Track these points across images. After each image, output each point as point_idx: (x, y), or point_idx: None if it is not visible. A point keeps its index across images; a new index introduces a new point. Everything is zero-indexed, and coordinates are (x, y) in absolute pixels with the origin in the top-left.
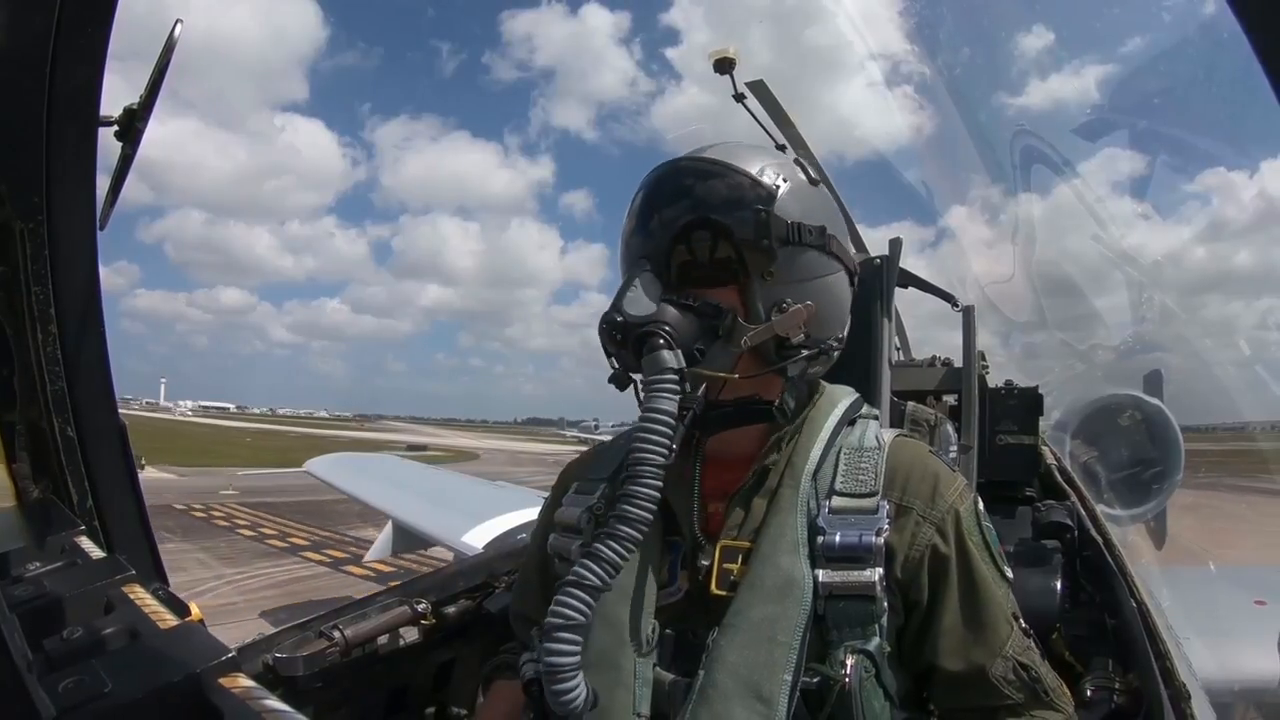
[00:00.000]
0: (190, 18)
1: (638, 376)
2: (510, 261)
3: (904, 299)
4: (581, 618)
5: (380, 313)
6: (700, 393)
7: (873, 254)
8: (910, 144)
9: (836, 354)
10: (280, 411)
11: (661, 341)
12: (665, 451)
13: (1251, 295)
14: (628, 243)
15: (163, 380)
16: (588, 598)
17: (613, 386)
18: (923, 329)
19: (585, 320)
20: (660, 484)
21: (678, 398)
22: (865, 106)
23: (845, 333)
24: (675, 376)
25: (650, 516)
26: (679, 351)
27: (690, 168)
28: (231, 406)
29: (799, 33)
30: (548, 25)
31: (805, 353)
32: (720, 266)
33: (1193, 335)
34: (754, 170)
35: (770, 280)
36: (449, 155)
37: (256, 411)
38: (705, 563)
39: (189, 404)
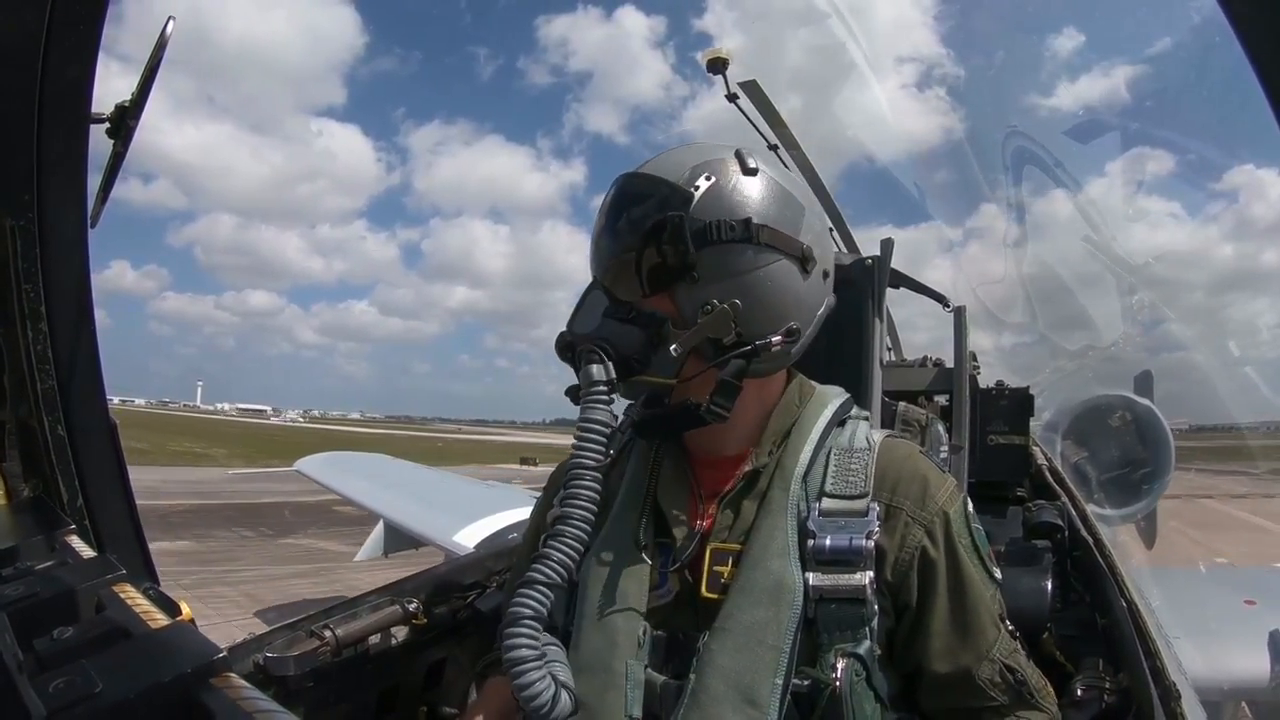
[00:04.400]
0: (228, 23)
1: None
2: (540, 263)
3: (918, 302)
4: (531, 611)
5: (407, 314)
6: (640, 401)
7: (864, 254)
8: (905, 146)
9: (784, 348)
10: (313, 413)
11: (594, 356)
12: (600, 456)
13: (1251, 296)
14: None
15: (199, 383)
16: (538, 594)
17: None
18: (944, 328)
19: None
20: (598, 485)
21: (608, 407)
22: (860, 109)
23: (802, 323)
24: (604, 388)
25: (590, 514)
26: (610, 364)
27: (623, 186)
28: (268, 409)
29: (805, 37)
30: (583, 30)
31: (741, 350)
32: (655, 275)
33: (1184, 337)
34: (676, 176)
35: (696, 282)
36: (482, 159)
37: (293, 413)
38: (695, 565)
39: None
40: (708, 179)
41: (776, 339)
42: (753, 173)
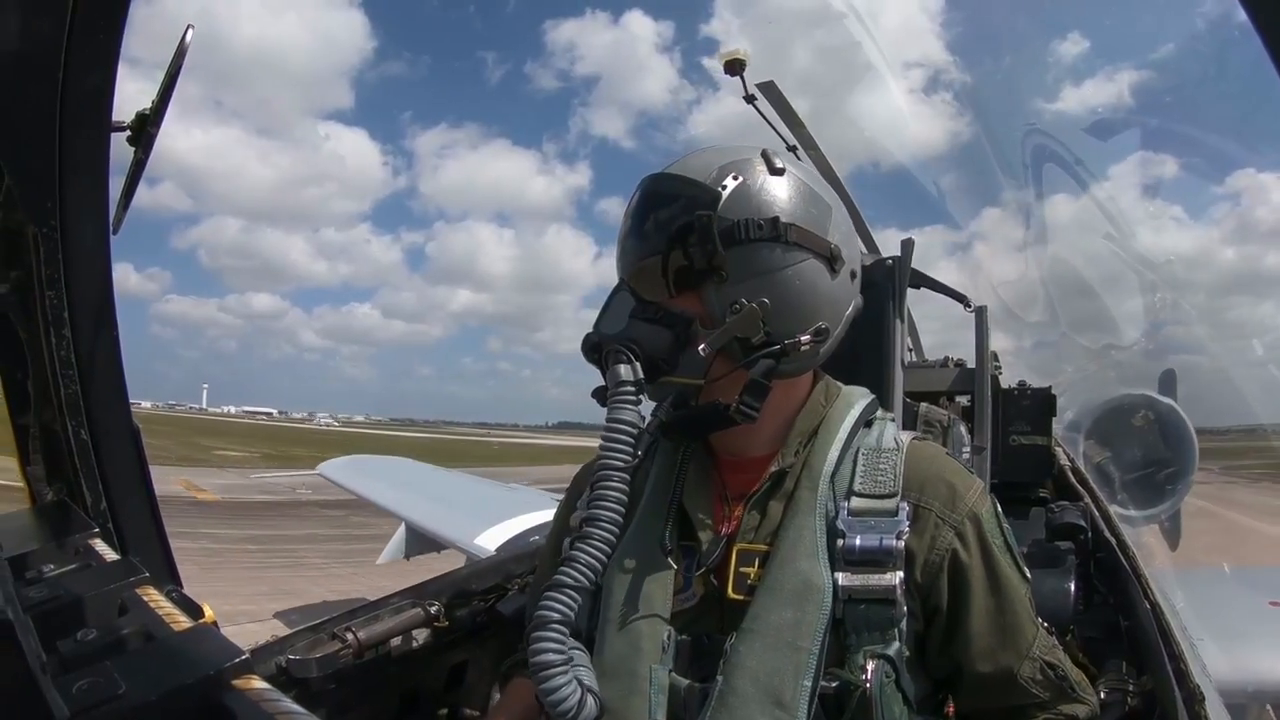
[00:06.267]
0: (238, 27)
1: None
2: (544, 267)
3: (925, 304)
4: (559, 616)
5: (411, 318)
6: (668, 401)
7: (885, 255)
8: (924, 146)
9: (812, 348)
10: (319, 415)
11: (622, 356)
12: (627, 457)
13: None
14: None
15: (205, 386)
16: (566, 598)
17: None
18: (949, 331)
19: None
20: (626, 486)
21: (636, 407)
22: (879, 110)
23: (830, 323)
24: (632, 388)
25: (618, 517)
26: (637, 365)
27: (649, 186)
28: (274, 411)
29: (818, 39)
30: (590, 34)
31: (771, 349)
32: (683, 275)
33: (1208, 336)
34: (703, 176)
35: (724, 282)
36: (488, 162)
37: (297, 416)
38: (721, 567)
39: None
40: (735, 179)
41: (805, 338)
42: (780, 172)
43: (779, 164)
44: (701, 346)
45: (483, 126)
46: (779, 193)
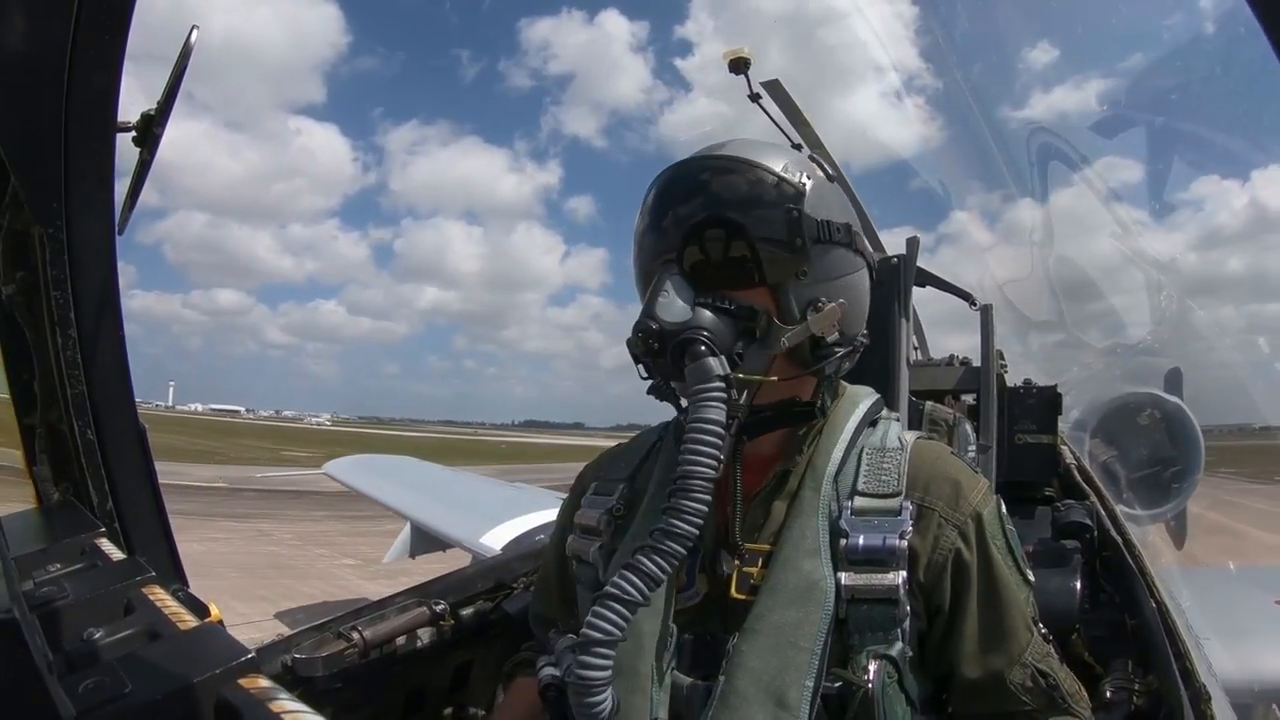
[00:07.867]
0: (211, 20)
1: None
2: (512, 265)
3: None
4: (619, 633)
5: (377, 315)
6: (744, 399)
7: (890, 253)
8: (927, 144)
9: (857, 350)
10: (286, 413)
11: (704, 349)
12: (715, 464)
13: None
14: (640, 242)
15: (171, 384)
16: (626, 612)
17: (606, 389)
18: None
19: (581, 323)
20: (709, 498)
21: (726, 406)
22: (882, 109)
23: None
24: (722, 385)
25: (697, 532)
26: (723, 358)
27: (709, 164)
28: (242, 409)
29: (817, 40)
30: (564, 34)
31: (840, 351)
32: (735, 266)
33: (1214, 334)
34: (778, 167)
35: (803, 279)
36: (459, 160)
37: (264, 414)
38: (725, 566)
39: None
40: (808, 177)
41: (862, 340)
42: (833, 179)
43: (830, 171)
44: (784, 340)
45: (454, 124)
46: (841, 199)
